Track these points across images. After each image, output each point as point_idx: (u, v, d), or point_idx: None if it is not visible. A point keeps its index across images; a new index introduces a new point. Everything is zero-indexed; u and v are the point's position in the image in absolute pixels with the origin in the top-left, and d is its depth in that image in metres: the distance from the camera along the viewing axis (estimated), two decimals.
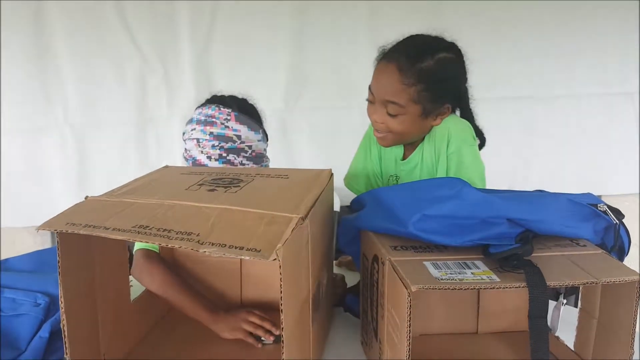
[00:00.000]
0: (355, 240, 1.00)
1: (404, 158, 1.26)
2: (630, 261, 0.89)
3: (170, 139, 2.12)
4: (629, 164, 2.20)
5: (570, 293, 0.96)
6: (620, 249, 0.89)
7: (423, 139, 1.20)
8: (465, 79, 1.19)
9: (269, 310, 1.03)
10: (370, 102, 1.19)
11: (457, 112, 1.23)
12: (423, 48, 1.14)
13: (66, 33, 2.00)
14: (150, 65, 2.07)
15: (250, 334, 1.00)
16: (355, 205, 1.05)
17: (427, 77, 1.11)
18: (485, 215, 0.80)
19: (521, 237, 0.79)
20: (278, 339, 0.98)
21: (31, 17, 1.97)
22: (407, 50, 1.14)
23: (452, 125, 1.16)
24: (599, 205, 0.87)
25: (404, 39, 1.18)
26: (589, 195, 0.91)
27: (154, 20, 2.02)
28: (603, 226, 0.88)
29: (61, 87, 2.05)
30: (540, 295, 0.69)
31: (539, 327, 0.71)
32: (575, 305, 0.95)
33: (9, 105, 2.03)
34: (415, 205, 0.84)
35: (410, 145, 1.24)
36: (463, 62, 1.18)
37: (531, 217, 0.80)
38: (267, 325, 1.00)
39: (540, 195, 0.93)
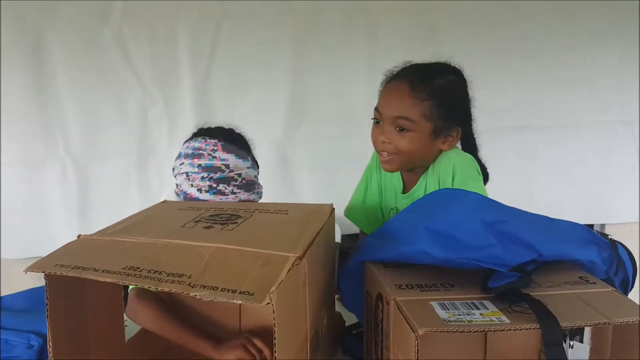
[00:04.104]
0: (357, 294, 0.97)
1: (404, 191, 1.23)
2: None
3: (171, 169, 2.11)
4: (629, 192, 2.18)
5: (575, 332, 0.93)
6: (622, 273, 0.88)
7: (427, 170, 1.17)
8: (470, 105, 1.19)
9: (270, 339, 1.00)
10: (377, 122, 1.17)
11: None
12: (433, 69, 1.16)
13: (66, 64, 2.00)
14: (151, 95, 2.06)
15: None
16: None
17: (439, 93, 1.11)
18: (486, 218, 0.82)
19: (517, 268, 0.77)
20: None
21: (31, 48, 1.98)
22: (419, 69, 1.16)
23: (456, 159, 1.13)
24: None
25: (412, 64, 1.19)
26: (577, 224, 0.90)
27: (154, 51, 2.03)
28: (607, 254, 0.86)
29: (61, 118, 2.04)
30: (552, 326, 0.65)
31: (556, 354, 0.66)
32: (581, 341, 0.92)
33: (9, 136, 2.01)
34: (417, 220, 0.86)
35: (411, 177, 1.21)
36: (468, 88, 1.18)
37: (529, 227, 0.82)
38: (266, 353, 0.98)
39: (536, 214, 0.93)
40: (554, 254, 0.81)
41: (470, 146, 1.22)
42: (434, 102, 1.10)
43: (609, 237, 0.91)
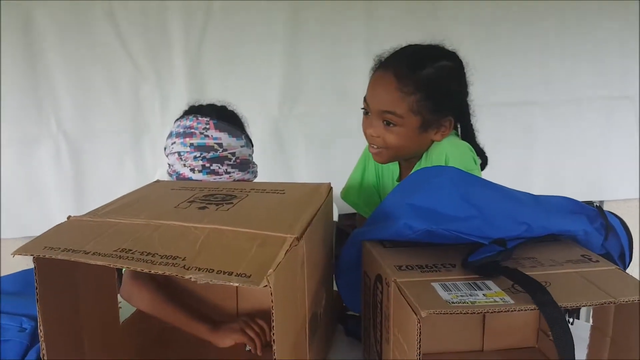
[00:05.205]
0: (355, 290, 0.96)
1: (400, 179, 1.20)
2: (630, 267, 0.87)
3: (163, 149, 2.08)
4: (630, 169, 2.17)
5: (573, 310, 0.92)
6: (616, 241, 0.88)
7: (420, 158, 1.13)
8: (466, 92, 1.13)
9: (268, 321, 0.99)
10: (365, 113, 1.13)
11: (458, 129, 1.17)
12: (423, 55, 1.09)
13: (57, 42, 1.95)
14: (143, 72, 2.01)
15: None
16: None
17: (428, 85, 1.05)
18: (466, 191, 0.83)
19: (498, 241, 0.77)
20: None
21: (21, 26, 1.92)
22: (406, 57, 1.09)
23: (449, 149, 1.08)
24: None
25: (401, 48, 1.12)
26: (562, 196, 0.90)
27: (146, 27, 1.97)
28: (599, 223, 0.86)
29: (53, 95, 2.00)
30: (536, 286, 0.65)
31: (554, 316, 0.64)
32: (577, 318, 0.92)
33: (1, 116, 1.98)
34: (401, 199, 0.86)
35: (406, 165, 1.18)
36: (464, 73, 1.12)
37: (512, 200, 0.82)
38: (266, 334, 0.97)
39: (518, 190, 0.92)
40: (543, 224, 0.81)
41: (467, 134, 1.16)
42: (422, 94, 1.04)
43: (595, 204, 0.91)
